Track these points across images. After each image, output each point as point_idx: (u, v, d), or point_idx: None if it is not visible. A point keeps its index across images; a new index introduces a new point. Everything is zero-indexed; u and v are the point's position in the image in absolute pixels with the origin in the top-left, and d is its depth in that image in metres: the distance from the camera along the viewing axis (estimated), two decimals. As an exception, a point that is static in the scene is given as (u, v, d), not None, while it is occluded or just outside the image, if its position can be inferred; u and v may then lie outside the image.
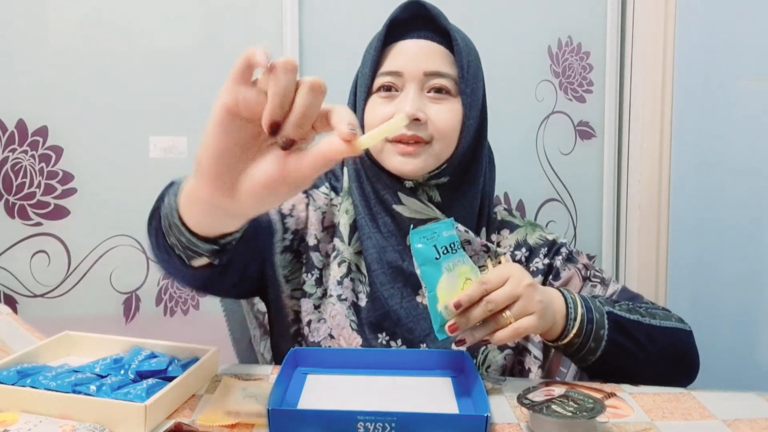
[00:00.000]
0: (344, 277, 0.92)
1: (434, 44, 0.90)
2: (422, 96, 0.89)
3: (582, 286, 0.96)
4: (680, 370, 0.88)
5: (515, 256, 0.97)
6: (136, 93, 1.50)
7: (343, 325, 0.90)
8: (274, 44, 1.55)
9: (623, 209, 1.82)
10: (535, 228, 1.01)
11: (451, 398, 0.74)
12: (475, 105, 0.92)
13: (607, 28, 1.75)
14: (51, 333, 0.85)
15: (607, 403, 0.73)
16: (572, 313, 0.80)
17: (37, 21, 1.44)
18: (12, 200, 1.45)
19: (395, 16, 0.91)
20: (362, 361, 0.82)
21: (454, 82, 0.90)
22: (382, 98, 0.90)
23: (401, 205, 0.90)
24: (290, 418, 0.64)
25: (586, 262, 0.99)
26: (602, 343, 0.80)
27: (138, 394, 0.68)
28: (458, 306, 0.73)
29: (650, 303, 0.94)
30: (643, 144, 1.75)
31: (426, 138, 0.88)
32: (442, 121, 0.89)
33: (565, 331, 0.80)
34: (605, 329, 0.80)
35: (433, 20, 0.91)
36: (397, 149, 0.88)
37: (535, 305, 0.74)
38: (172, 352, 0.81)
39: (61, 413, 0.65)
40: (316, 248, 0.93)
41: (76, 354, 0.84)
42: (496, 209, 1.03)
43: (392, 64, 0.90)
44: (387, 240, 0.91)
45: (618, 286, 0.97)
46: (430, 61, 0.89)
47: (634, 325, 0.83)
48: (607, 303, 0.84)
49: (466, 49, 0.91)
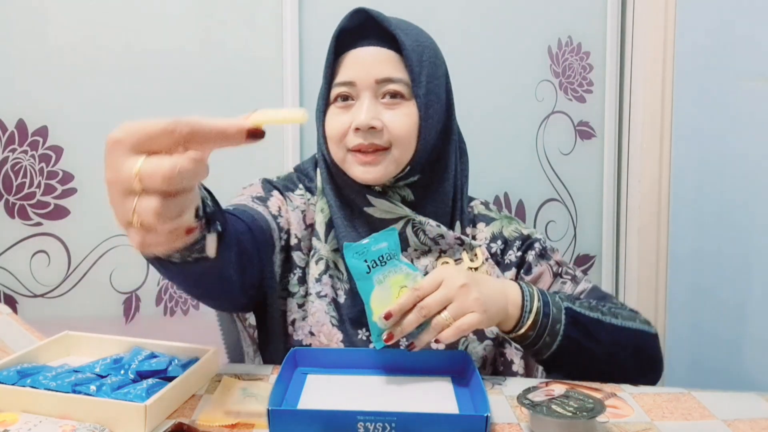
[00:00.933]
0: (322, 274, 0.93)
1: (383, 50, 0.90)
2: (377, 103, 0.90)
3: (552, 282, 0.98)
4: (640, 371, 0.89)
5: (491, 248, 0.98)
6: (136, 93, 1.49)
7: (323, 322, 0.91)
8: (274, 44, 1.55)
9: (623, 209, 1.82)
10: (511, 221, 1.02)
11: (451, 398, 0.74)
12: (432, 104, 0.92)
13: (607, 28, 1.75)
14: (51, 333, 0.85)
15: (607, 403, 0.73)
16: (528, 305, 0.82)
17: (37, 21, 1.44)
18: (12, 200, 1.44)
19: (344, 25, 0.92)
20: (362, 361, 0.83)
21: (407, 85, 0.90)
22: (339, 108, 0.92)
23: (371, 207, 0.92)
24: (290, 418, 0.64)
25: (559, 259, 1.00)
26: (557, 338, 0.82)
27: (138, 394, 0.68)
28: (389, 316, 0.75)
29: (620, 304, 0.95)
30: (643, 144, 1.75)
31: (384, 144, 0.89)
32: (398, 127, 0.89)
33: (520, 323, 0.81)
34: (561, 324, 0.82)
35: (380, 26, 0.91)
36: (356, 159, 0.90)
37: (472, 304, 0.76)
38: (172, 352, 0.81)
39: (61, 413, 0.65)
40: (298, 247, 0.95)
41: (76, 354, 0.84)
42: (473, 203, 1.05)
43: (345, 74, 0.91)
44: (362, 237, 0.91)
45: (588, 285, 0.98)
46: (381, 68, 0.89)
47: (593, 323, 0.84)
48: (568, 299, 0.85)
49: (418, 50, 0.91)
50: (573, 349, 0.83)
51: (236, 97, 1.54)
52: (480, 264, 0.94)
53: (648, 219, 1.76)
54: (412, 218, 0.92)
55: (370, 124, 0.87)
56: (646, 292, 1.76)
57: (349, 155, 0.90)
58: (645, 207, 1.76)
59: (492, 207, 1.06)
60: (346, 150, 0.90)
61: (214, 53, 1.53)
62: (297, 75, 1.55)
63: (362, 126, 0.87)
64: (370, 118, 0.87)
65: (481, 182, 1.59)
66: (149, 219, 0.48)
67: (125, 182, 0.48)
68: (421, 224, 0.92)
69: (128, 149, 0.49)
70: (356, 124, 0.88)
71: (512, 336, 0.84)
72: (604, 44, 1.76)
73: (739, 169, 1.62)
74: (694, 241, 1.72)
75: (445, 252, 0.95)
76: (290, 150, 1.56)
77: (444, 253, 0.95)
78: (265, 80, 1.55)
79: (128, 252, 1.51)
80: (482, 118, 1.68)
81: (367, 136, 0.88)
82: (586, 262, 1.81)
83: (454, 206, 0.98)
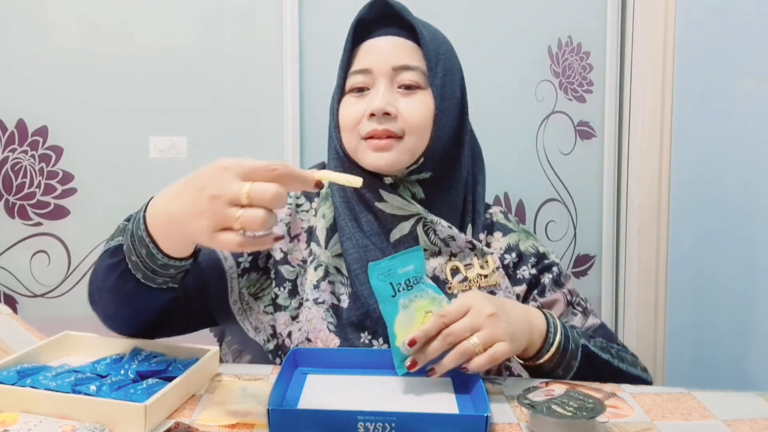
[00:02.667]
0: (321, 281, 0.91)
1: (401, 39, 0.92)
2: (392, 90, 0.90)
3: (564, 311, 0.97)
4: None
5: (504, 259, 0.97)
6: (136, 93, 1.50)
7: (320, 328, 0.88)
8: (274, 44, 1.55)
9: (623, 209, 1.82)
10: (529, 236, 1.01)
11: (451, 398, 0.74)
12: (447, 97, 0.92)
13: (607, 28, 1.75)
14: (51, 333, 0.85)
15: (607, 402, 0.73)
16: (551, 338, 0.81)
17: (37, 21, 1.44)
18: (12, 200, 1.45)
19: (361, 16, 0.93)
20: (362, 361, 0.82)
21: (424, 74, 0.91)
22: (354, 97, 0.92)
23: (383, 202, 0.91)
24: (290, 418, 0.64)
25: (572, 288, 0.99)
26: (570, 372, 0.83)
27: (138, 394, 0.68)
28: (413, 343, 0.74)
29: (622, 346, 0.96)
30: (643, 144, 1.75)
31: (398, 132, 0.89)
32: (413, 114, 0.89)
33: (540, 353, 0.81)
34: (577, 361, 0.83)
35: (398, 17, 0.92)
36: (370, 145, 0.89)
37: (501, 333, 0.74)
38: (172, 352, 0.81)
39: (60, 413, 0.65)
40: (285, 261, 0.93)
41: (76, 354, 0.84)
42: (492, 210, 1.03)
43: (361, 62, 0.92)
44: (369, 239, 0.91)
45: (597, 321, 0.98)
46: (398, 56, 0.90)
47: (603, 364, 0.86)
48: (584, 336, 0.86)
49: (435, 42, 0.92)
50: (578, 379, 0.83)
51: (236, 97, 1.54)
52: (490, 272, 0.93)
53: (648, 219, 1.75)
54: (423, 216, 0.91)
55: (384, 109, 0.88)
56: (646, 292, 1.75)
57: (362, 143, 0.90)
58: (645, 207, 1.76)
59: (512, 218, 1.04)
60: (360, 138, 0.90)
61: (214, 53, 1.53)
62: (297, 75, 1.55)
63: (377, 111, 0.87)
64: (385, 103, 0.88)
65: (481, 182, 1.60)
66: (255, 226, 0.62)
67: (233, 197, 0.62)
68: (432, 223, 0.91)
69: (235, 175, 0.63)
70: (371, 109, 0.88)
71: (527, 363, 0.83)
72: (604, 44, 1.76)
73: (739, 169, 1.62)
74: (694, 241, 1.72)
75: (456, 255, 0.93)
76: (290, 148, 1.56)
77: (454, 257, 0.93)
78: (265, 80, 1.55)
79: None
80: (482, 118, 1.66)
81: (381, 122, 0.88)
82: (586, 262, 1.81)
83: (465, 209, 0.97)
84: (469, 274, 0.92)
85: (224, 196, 0.62)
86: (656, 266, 1.75)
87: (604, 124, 1.78)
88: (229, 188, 0.62)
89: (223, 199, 0.62)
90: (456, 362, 0.73)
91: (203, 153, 1.52)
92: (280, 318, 0.90)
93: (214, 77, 1.53)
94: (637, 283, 1.77)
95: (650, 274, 1.76)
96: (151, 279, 0.78)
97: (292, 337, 0.89)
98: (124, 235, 0.77)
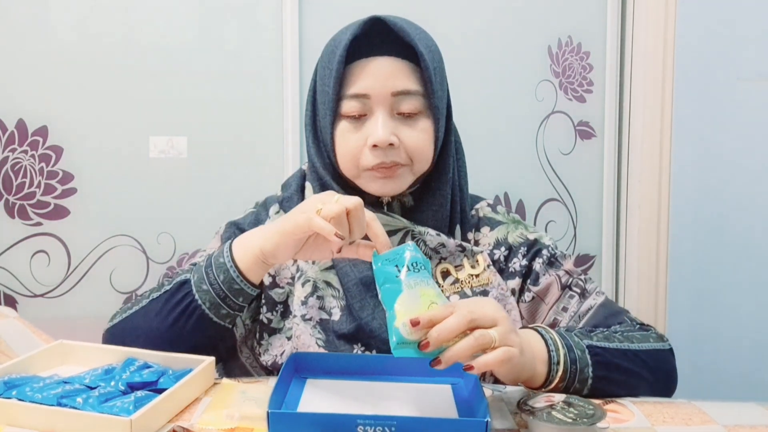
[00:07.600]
0: (309, 296, 0.90)
1: (398, 61, 0.87)
2: (392, 117, 0.87)
3: (560, 296, 0.93)
4: (661, 389, 0.84)
5: (494, 255, 0.95)
6: (136, 93, 1.49)
7: (309, 344, 0.87)
8: (274, 44, 1.54)
9: (623, 209, 1.82)
10: (518, 225, 0.98)
11: (450, 404, 0.74)
12: (443, 113, 0.91)
13: (607, 28, 1.75)
14: (51, 333, 0.85)
15: (608, 408, 0.73)
16: (554, 356, 0.75)
17: (37, 21, 1.44)
18: (12, 200, 1.44)
19: (356, 33, 0.87)
20: (362, 366, 0.82)
21: (422, 96, 0.88)
22: (350, 124, 0.88)
23: None
24: (290, 422, 0.64)
25: (570, 268, 0.95)
26: (587, 383, 0.77)
27: (125, 407, 0.66)
28: (416, 323, 0.65)
29: (632, 320, 0.91)
30: (643, 144, 1.74)
31: (403, 161, 0.88)
32: (416, 144, 0.88)
33: (549, 378, 0.75)
34: (589, 366, 0.76)
35: (391, 33, 0.87)
36: (374, 175, 0.88)
37: (516, 340, 0.69)
38: (166, 362, 0.79)
39: (45, 427, 0.64)
40: (274, 284, 0.92)
41: (69, 363, 0.83)
42: (479, 205, 1.01)
43: (358, 86, 0.87)
44: None
45: (599, 299, 0.92)
46: (397, 81, 0.86)
47: (616, 354, 0.79)
48: (585, 335, 0.80)
49: (432, 58, 0.88)
50: (604, 387, 0.78)
51: (236, 97, 1.53)
52: (481, 270, 0.92)
53: (648, 219, 1.75)
54: (411, 229, 0.91)
55: (388, 141, 0.85)
56: (646, 292, 1.75)
57: (366, 172, 0.88)
58: (645, 207, 1.76)
59: (499, 209, 1.01)
60: (361, 168, 0.88)
61: (214, 53, 1.52)
62: (297, 75, 1.54)
63: (381, 143, 0.85)
64: (389, 134, 0.85)
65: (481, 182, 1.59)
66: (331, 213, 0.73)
67: (326, 199, 0.76)
68: (420, 234, 0.91)
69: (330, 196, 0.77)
70: (374, 140, 0.85)
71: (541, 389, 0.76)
72: (604, 44, 1.75)
73: (739, 168, 1.62)
74: (694, 241, 1.72)
75: (446, 259, 0.92)
76: (290, 148, 1.56)
77: (444, 260, 0.92)
78: (265, 80, 1.55)
79: (128, 252, 1.51)
80: (482, 118, 1.67)
81: (388, 154, 0.86)
82: (586, 262, 1.81)
83: (453, 209, 0.95)
84: (460, 275, 0.92)
85: (319, 197, 0.77)
86: (656, 266, 1.75)
87: (604, 124, 1.78)
88: (323, 197, 0.77)
89: (317, 198, 0.77)
90: (470, 350, 0.65)
91: (203, 153, 1.51)
92: (276, 341, 0.90)
93: (214, 77, 1.52)
94: (637, 283, 1.77)
95: (650, 274, 1.76)
96: (216, 308, 0.81)
97: (283, 356, 0.88)
98: (193, 271, 0.83)
